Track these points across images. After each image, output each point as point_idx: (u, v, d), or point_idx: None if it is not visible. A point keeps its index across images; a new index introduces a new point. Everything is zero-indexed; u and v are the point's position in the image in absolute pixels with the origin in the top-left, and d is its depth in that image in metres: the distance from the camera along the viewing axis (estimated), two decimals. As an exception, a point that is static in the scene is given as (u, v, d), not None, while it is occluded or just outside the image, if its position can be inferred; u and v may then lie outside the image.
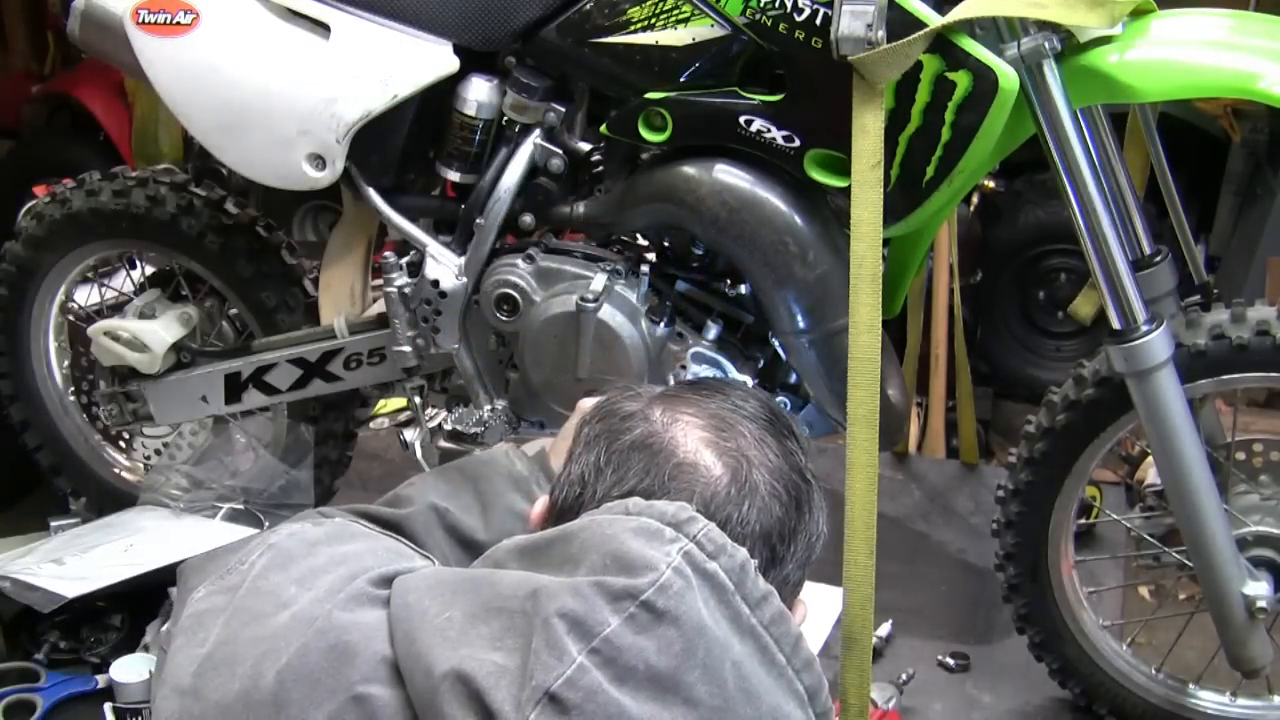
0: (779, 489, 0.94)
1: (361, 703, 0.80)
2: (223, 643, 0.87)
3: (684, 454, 0.93)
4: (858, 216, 1.49)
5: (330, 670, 0.82)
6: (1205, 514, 1.65)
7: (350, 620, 0.85)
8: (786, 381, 1.84)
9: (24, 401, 2.36)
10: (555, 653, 0.76)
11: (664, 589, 0.78)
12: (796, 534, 0.95)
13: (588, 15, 1.66)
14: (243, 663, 0.85)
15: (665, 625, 0.77)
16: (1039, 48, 1.50)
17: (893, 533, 2.47)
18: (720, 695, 0.78)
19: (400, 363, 1.94)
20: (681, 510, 0.84)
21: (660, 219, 1.74)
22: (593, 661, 0.76)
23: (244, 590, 0.90)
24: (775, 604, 0.84)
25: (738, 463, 0.93)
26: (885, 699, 1.92)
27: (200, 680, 0.86)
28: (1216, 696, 1.88)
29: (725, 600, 0.81)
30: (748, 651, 0.81)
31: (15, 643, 2.02)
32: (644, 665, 0.76)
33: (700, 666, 0.78)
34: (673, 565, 0.79)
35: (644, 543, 0.81)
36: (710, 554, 0.82)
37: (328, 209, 3.50)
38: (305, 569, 0.91)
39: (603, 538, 0.82)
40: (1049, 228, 3.07)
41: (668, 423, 0.95)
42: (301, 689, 0.81)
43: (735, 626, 0.81)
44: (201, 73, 1.82)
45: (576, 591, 0.78)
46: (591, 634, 0.77)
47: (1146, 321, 1.59)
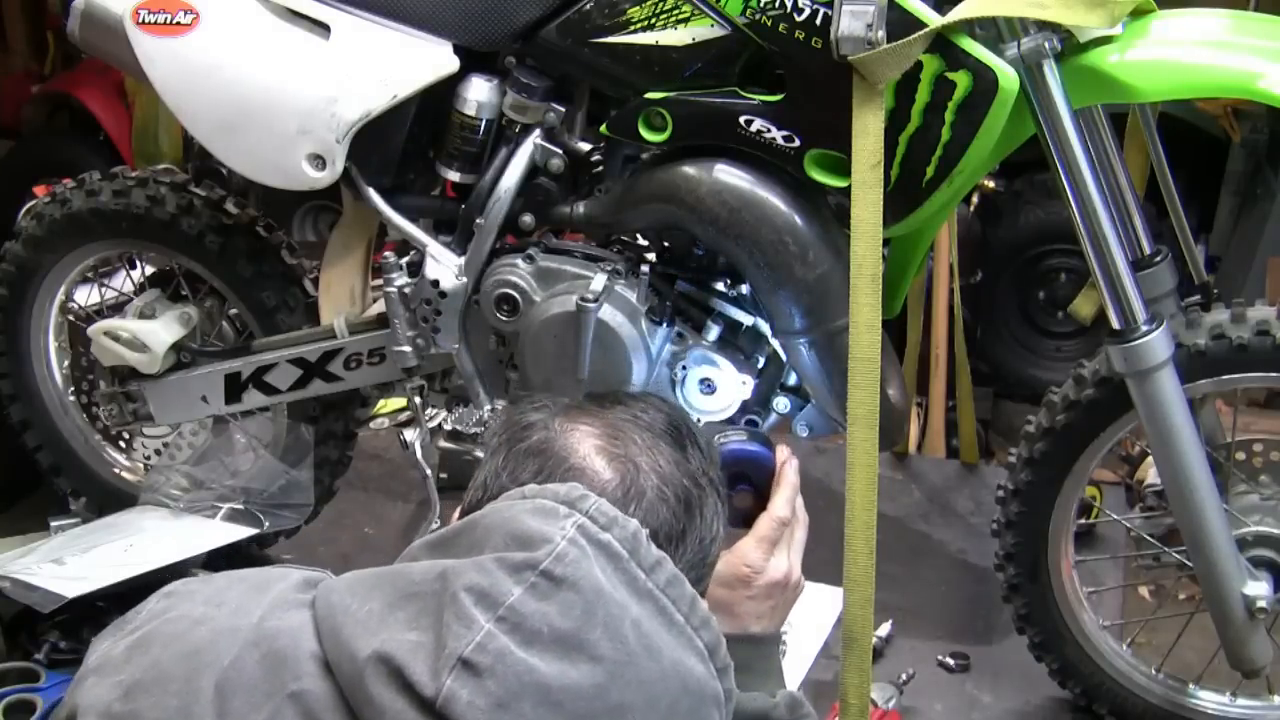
0: (667, 493, 1.01)
1: (297, 699, 0.85)
2: (147, 668, 0.90)
3: (575, 460, 1.00)
4: (858, 216, 1.49)
5: (266, 677, 0.86)
6: (1205, 514, 1.65)
7: (277, 627, 0.89)
8: (786, 381, 1.84)
9: (24, 401, 2.36)
10: (464, 623, 0.81)
11: (560, 558, 0.83)
12: (685, 535, 1.01)
13: (588, 15, 1.66)
14: (175, 680, 0.88)
15: (565, 590, 0.82)
16: (1039, 48, 1.50)
17: (893, 533, 2.47)
18: (623, 651, 0.83)
19: (400, 363, 1.94)
20: (573, 489, 0.90)
21: (660, 219, 1.74)
22: (500, 628, 0.81)
23: (152, 626, 0.94)
24: (669, 568, 0.89)
25: (625, 468, 1.00)
26: (885, 699, 1.92)
27: (132, 704, 0.88)
28: (1216, 696, 1.88)
29: (621, 567, 0.86)
30: (646, 612, 0.86)
31: (15, 643, 2.02)
32: (548, 628, 0.81)
33: (601, 626, 0.83)
34: (567, 537, 0.85)
35: (540, 520, 0.86)
36: (603, 526, 0.87)
37: (328, 209, 3.50)
38: (209, 592, 0.96)
39: (502, 520, 0.88)
40: (1049, 228, 3.07)
41: (564, 431, 1.03)
42: (240, 697, 0.86)
43: (632, 590, 0.86)
44: (201, 72, 1.82)
45: (480, 567, 0.84)
46: (497, 603, 0.81)
47: (1146, 321, 1.59)
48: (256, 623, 0.90)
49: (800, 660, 2.06)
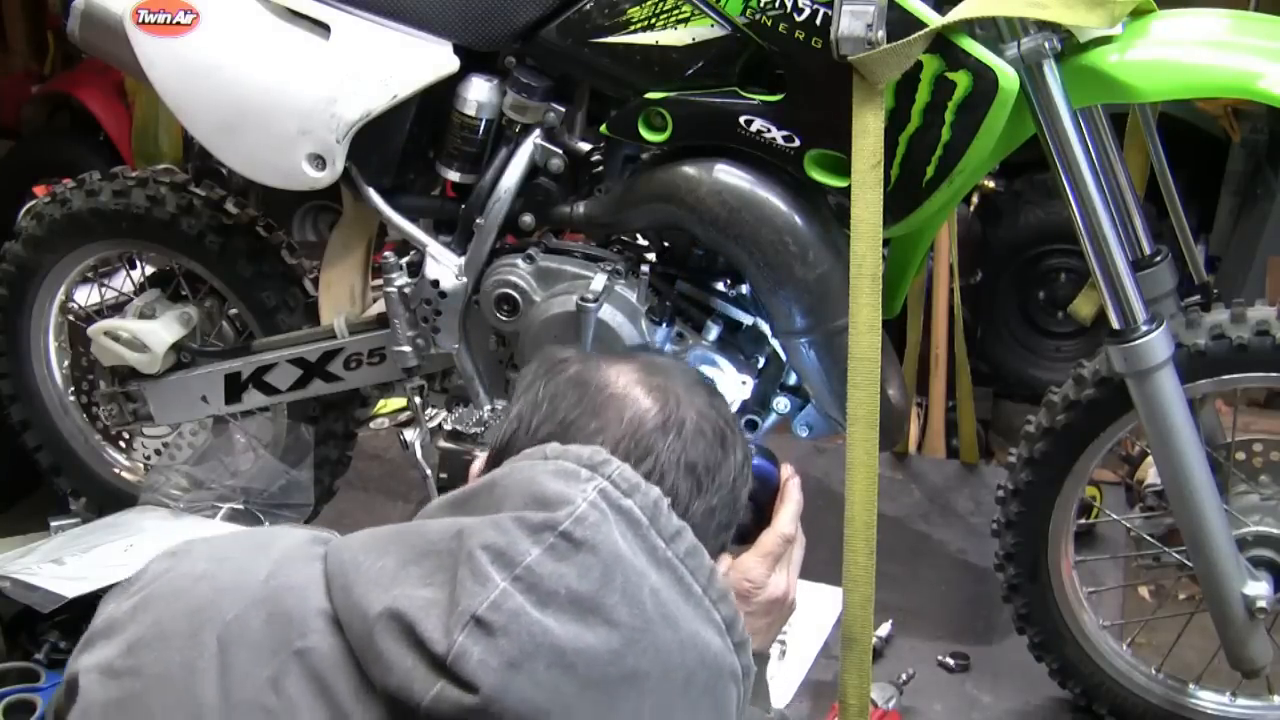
0: (705, 427, 1.01)
1: (303, 656, 0.84)
2: (150, 625, 0.89)
3: (615, 388, 1.00)
4: (858, 216, 1.49)
5: (271, 634, 0.85)
6: (1205, 514, 1.65)
7: (284, 585, 0.88)
8: (786, 381, 1.84)
9: (24, 401, 2.36)
10: (479, 580, 0.80)
11: (580, 520, 0.83)
12: (720, 469, 1.01)
13: (588, 15, 1.66)
14: (177, 635, 0.87)
15: (584, 553, 0.82)
16: (1039, 48, 1.50)
17: (893, 533, 2.47)
18: (640, 617, 0.82)
19: (400, 363, 1.94)
20: (597, 453, 0.89)
21: (660, 219, 1.74)
22: (516, 588, 0.80)
23: (155, 586, 0.93)
24: (689, 538, 0.88)
25: (666, 397, 1.01)
26: (885, 699, 1.92)
27: (135, 659, 0.88)
28: (1216, 696, 1.88)
29: (641, 534, 0.85)
30: (665, 581, 0.85)
31: (15, 643, 2.02)
32: (565, 590, 0.80)
33: (619, 591, 0.82)
34: (588, 500, 0.84)
35: (561, 482, 0.85)
36: (625, 492, 0.86)
37: (328, 209, 3.50)
38: (211, 550, 0.95)
39: (522, 481, 0.87)
40: (1049, 228, 3.07)
41: (602, 365, 1.03)
42: (245, 652, 0.85)
43: (651, 558, 0.85)
44: (201, 73, 1.82)
45: (498, 526, 0.83)
46: (514, 563, 0.80)
47: (1146, 321, 1.59)
48: (264, 580, 0.89)
49: (800, 660, 2.06)
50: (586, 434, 0.98)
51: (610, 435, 0.97)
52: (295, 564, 0.90)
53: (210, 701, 0.84)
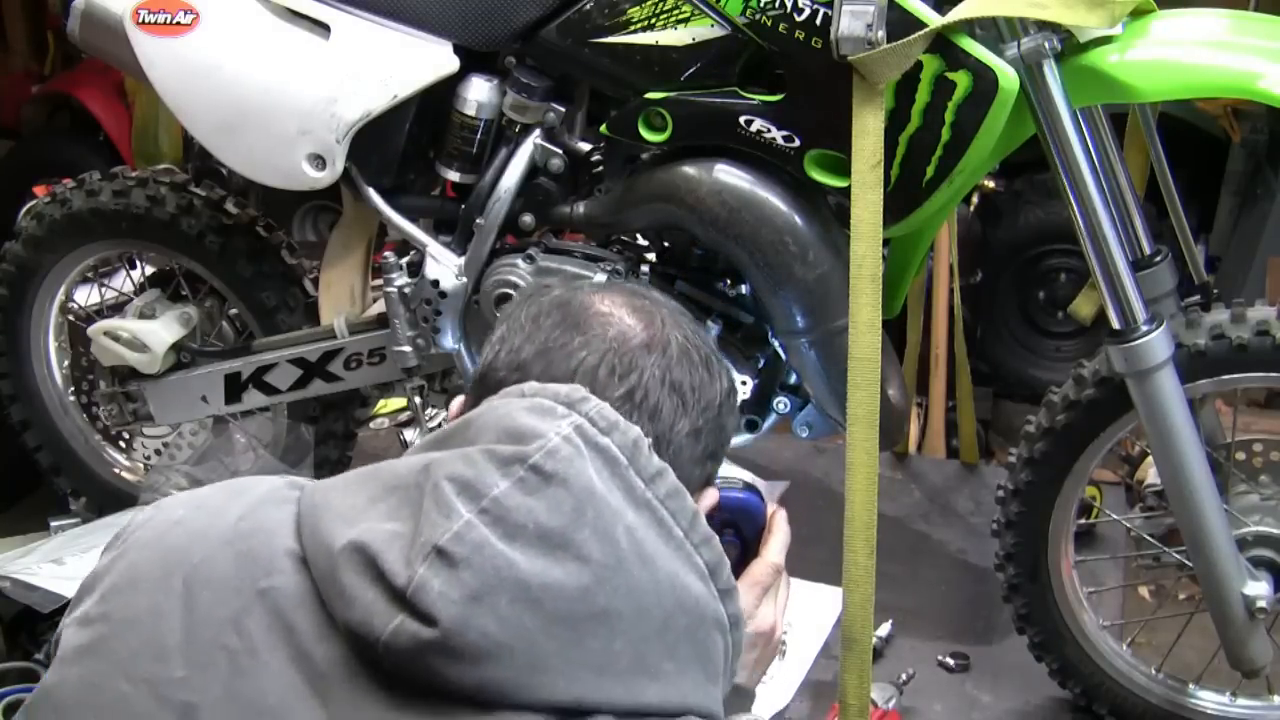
0: (690, 349, 0.98)
1: (265, 595, 0.82)
2: (123, 571, 0.89)
3: (601, 306, 0.98)
4: (858, 216, 1.49)
5: (237, 573, 0.84)
6: (1205, 514, 1.65)
7: (253, 526, 0.87)
8: (786, 381, 1.84)
9: (24, 401, 2.36)
10: (444, 511, 0.78)
11: (552, 454, 0.80)
12: (705, 390, 0.99)
13: (588, 15, 1.66)
14: (147, 579, 0.86)
15: (554, 487, 0.79)
16: (1039, 48, 1.50)
17: (893, 533, 2.47)
18: (613, 555, 0.80)
19: (400, 363, 1.94)
20: (575, 390, 0.86)
21: (660, 219, 1.74)
22: (482, 520, 0.78)
23: (134, 536, 0.92)
24: (670, 479, 0.86)
25: (652, 318, 0.98)
26: (885, 699, 1.92)
27: (106, 606, 0.87)
28: (1216, 696, 1.88)
29: (618, 473, 0.83)
30: (643, 522, 0.82)
31: (15, 643, 2.02)
32: (533, 524, 0.78)
33: (590, 526, 0.79)
34: (562, 435, 0.81)
35: (536, 418, 0.83)
36: (603, 430, 0.84)
37: (328, 209, 3.50)
38: (190, 497, 0.94)
39: (497, 417, 0.85)
40: (1049, 228, 3.07)
41: (586, 289, 1.01)
42: (209, 592, 0.84)
43: (629, 498, 0.83)
44: (201, 73, 1.82)
45: (466, 458, 0.81)
46: (481, 495, 0.78)
47: (1146, 321, 1.59)
48: (233, 522, 0.87)
49: (800, 660, 2.06)
50: (570, 350, 0.95)
51: (594, 350, 0.94)
52: (268, 506, 0.89)
53: (173, 643, 0.82)
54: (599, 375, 0.93)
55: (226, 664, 0.81)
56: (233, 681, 0.80)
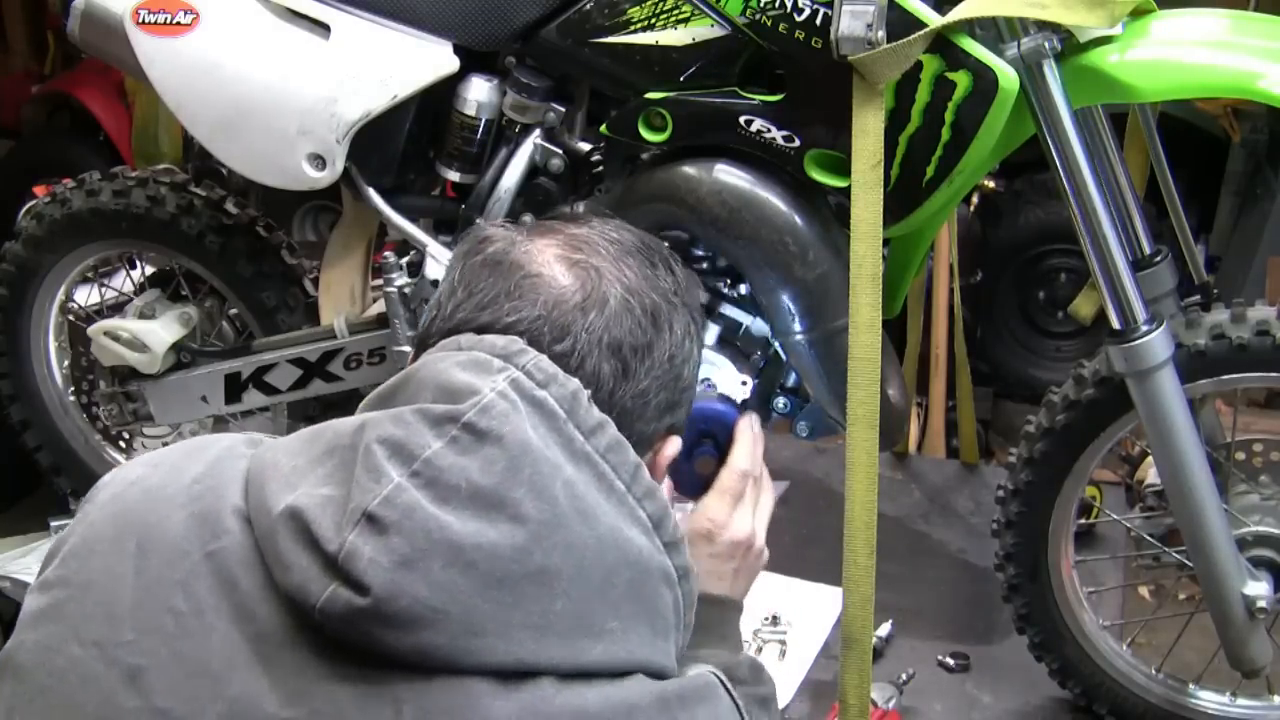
0: (632, 303, 0.94)
1: (213, 557, 0.81)
2: (83, 533, 0.88)
3: (533, 267, 0.94)
4: (858, 216, 1.49)
5: (187, 535, 0.83)
6: (1205, 514, 1.65)
7: (205, 488, 0.86)
8: (786, 381, 1.84)
9: (24, 401, 2.36)
10: (374, 476, 0.77)
11: (486, 410, 0.79)
12: (652, 348, 0.94)
13: (588, 15, 1.66)
14: (103, 540, 0.85)
15: (488, 445, 0.78)
16: (1039, 48, 1.50)
17: (893, 533, 2.47)
18: (550, 512, 0.78)
19: (400, 363, 1.94)
20: (512, 343, 0.85)
21: (660, 219, 1.74)
22: (413, 483, 0.76)
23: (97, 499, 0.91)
24: (611, 432, 0.84)
25: (587, 274, 0.94)
26: (885, 699, 1.92)
27: (64, 569, 0.86)
28: (1216, 696, 1.88)
29: (556, 427, 0.81)
30: (583, 476, 0.81)
31: (15, 643, 2.02)
32: (466, 483, 0.77)
33: (526, 484, 0.78)
34: (497, 390, 0.80)
35: (471, 374, 0.82)
36: (540, 383, 0.82)
37: (328, 209, 3.50)
38: (151, 456, 0.93)
39: (433, 373, 0.83)
40: (1049, 228, 3.07)
41: (522, 242, 0.96)
42: (158, 555, 0.83)
43: (568, 452, 0.81)
44: (201, 72, 1.82)
45: (398, 419, 0.80)
46: (412, 457, 0.77)
47: (1146, 321, 1.59)
48: (188, 484, 0.86)
49: (800, 660, 2.06)
50: (500, 315, 0.92)
51: (526, 317, 0.91)
52: (223, 464, 0.88)
53: (124, 606, 0.82)
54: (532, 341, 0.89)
55: (174, 626, 0.80)
56: (178, 644, 0.80)
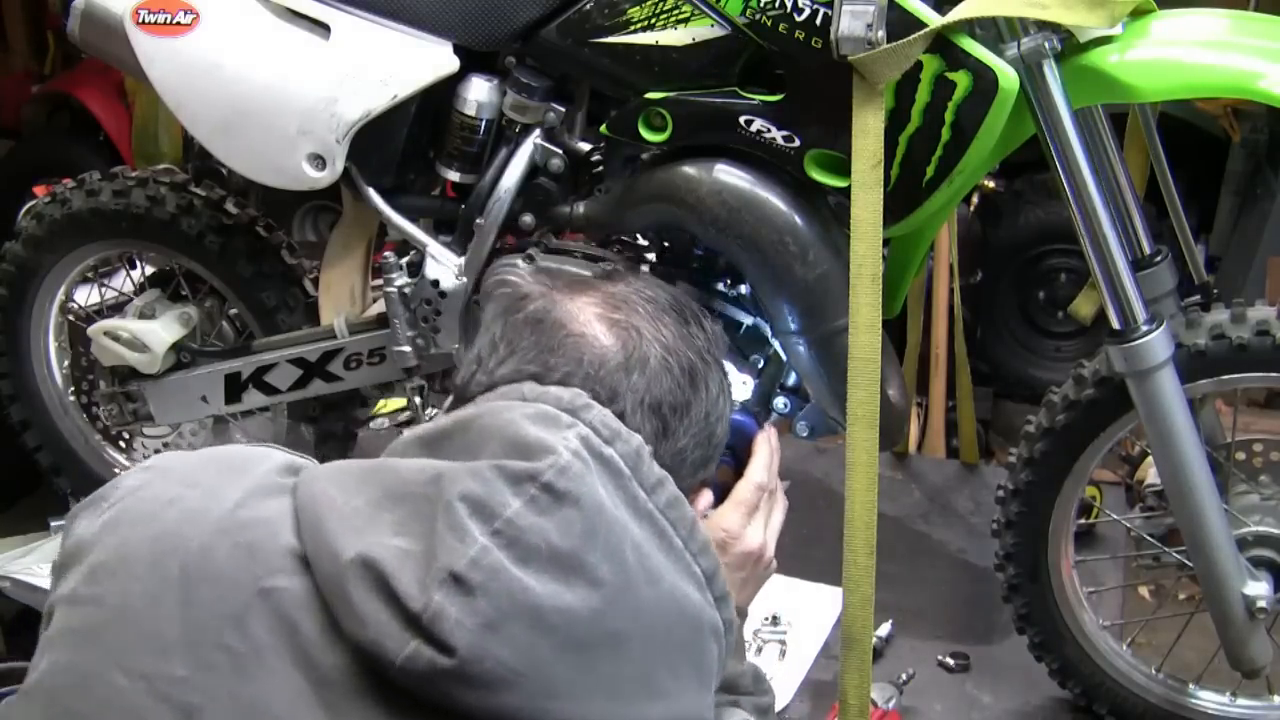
0: (671, 363, 0.96)
1: (268, 595, 0.80)
2: (115, 548, 0.85)
3: (575, 326, 0.96)
4: (858, 216, 1.49)
5: (237, 568, 0.81)
6: (1205, 514, 1.65)
7: (252, 517, 0.84)
8: (786, 381, 1.84)
9: (24, 401, 2.36)
10: (458, 535, 0.77)
11: (564, 471, 0.79)
12: (690, 408, 0.97)
13: (588, 15, 1.66)
14: (140, 562, 0.83)
15: (566, 507, 0.78)
16: (1039, 48, 1.50)
17: (893, 533, 2.47)
18: (622, 575, 0.79)
19: (400, 363, 1.94)
20: (577, 396, 0.86)
21: (660, 219, 1.74)
22: (495, 543, 0.76)
23: (125, 504, 0.88)
24: (670, 488, 0.85)
25: (628, 335, 0.96)
26: (885, 699, 1.92)
27: (96, 587, 0.84)
28: (1216, 696, 1.88)
29: (622, 484, 0.82)
30: (646, 534, 0.82)
31: (15, 643, 2.02)
32: (546, 545, 0.77)
33: (601, 547, 0.79)
34: (571, 449, 0.80)
35: (541, 428, 0.82)
36: (606, 439, 0.83)
37: (328, 209, 3.50)
38: (185, 470, 0.90)
39: (500, 424, 0.83)
40: (1049, 228, 3.07)
41: (562, 300, 0.98)
42: (208, 588, 0.81)
43: (632, 510, 0.82)
44: (201, 73, 1.82)
45: (478, 475, 0.79)
46: (494, 515, 0.77)
47: (1146, 321, 1.59)
48: (231, 509, 0.84)
49: (800, 660, 2.06)
50: (547, 373, 0.93)
51: (573, 374, 0.93)
52: (264, 495, 0.86)
53: (172, 636, 0.80)
54: None
55: (230, 665, 0.79)
56: (237, 684, 0.79)
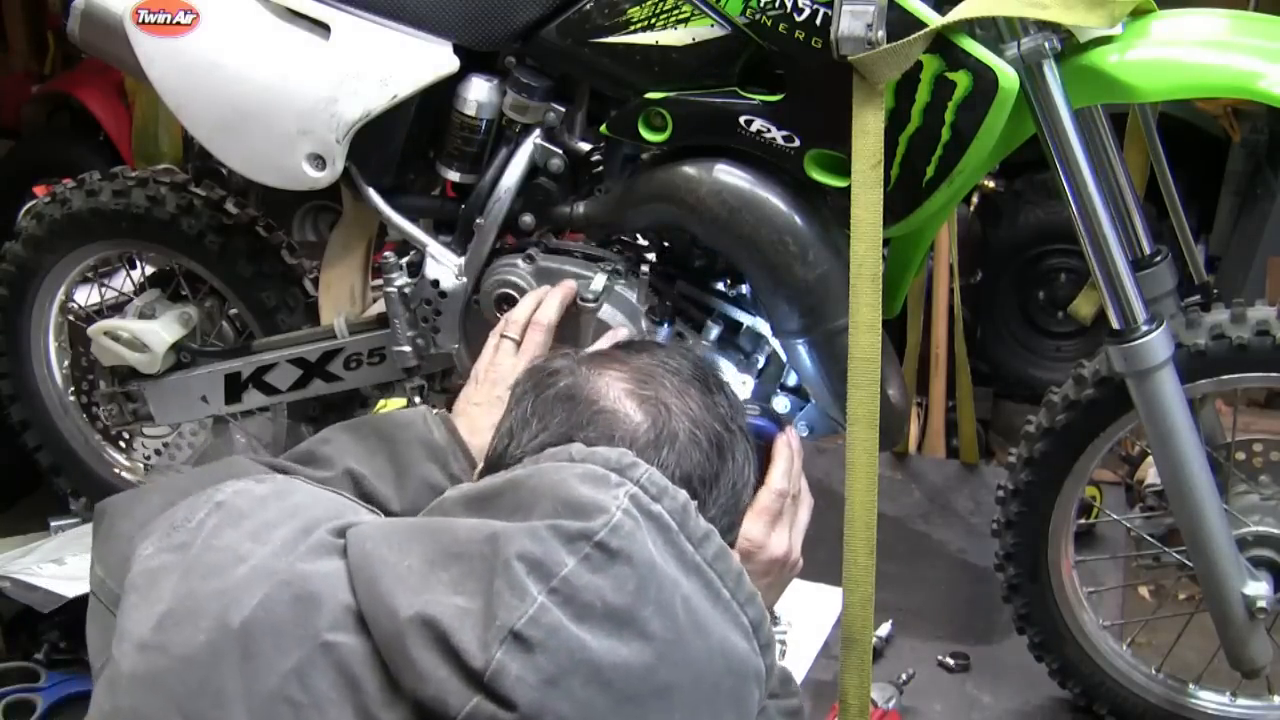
0: (699, 436, 0.99)
1: (330, 650, 0.82)
2: (182, 598, 0.87)
3: (605, 402, 0.99)
4: (858, 216, 1.49)
5: (296, 620, 0.83)
6: (1205, 514, 1.65)
7: (312, 570, 0.86)
8: (786, 381, 1.84)
9: (24, 401, 2.36)
10: (517, 593, 0.79)
11: (616, 529, 0.82)
12: (718, 479, 1.00)
13: (588, 15, 1.66)
14: (206, 616, 0.85)
15: (619, 564, 0.81)
16: (1039, 48, 1.50)
17: (893, 533, 2.47)
18: (673, 629, 0.82)
19: (400, 363, 1.94)
20: (624, 456, 0.88)
21: (660, 219, 1.74)
22: (553, 601, 0.79)
23: (197, 548, 0.91)
24: (716, 541, 0.88)
25: (657, 410, 0.99)
26: (885, 699, 1.92)
27: (163, 635, 0.86)
28: (1216, 696, 1.89)
29: (671, 540, 0.85)
30: (695, 587, 0.85)
31: (15, 643, 2.02)
32: (601, 602, 0.80)
33: (654, 602, 0.82)
34: (622, 508, 0.83)
35: (591, 487, 0.85)
36: (654, 496, 0.86)
37: (328, 209, 3.49)
38: (258, 523, 0.92)
39: (551, 484, 0.86)
40: (1049, 228, 3.07)
41: (591, 376, 1.01)
42: (269, 639, 0.83)
43: (681, 564, 0.85)
44: (201, 72, 1.82)
45: (533, 534, 0.82)
46: (551, 574, 0.80)
47: (1146, 321, 1.59)
48: (293, 562, 0.87)
49: (800, 660, 2.06)
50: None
51: None
52: (326, 553, 0.89)
53: (233, 690, 0.82)
54: None
55: (291, 718, 0.81)
56: None
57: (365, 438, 1.29)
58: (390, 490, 1.25)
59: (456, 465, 1.29)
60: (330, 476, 1.21)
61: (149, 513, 1.04)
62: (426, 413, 1.34)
